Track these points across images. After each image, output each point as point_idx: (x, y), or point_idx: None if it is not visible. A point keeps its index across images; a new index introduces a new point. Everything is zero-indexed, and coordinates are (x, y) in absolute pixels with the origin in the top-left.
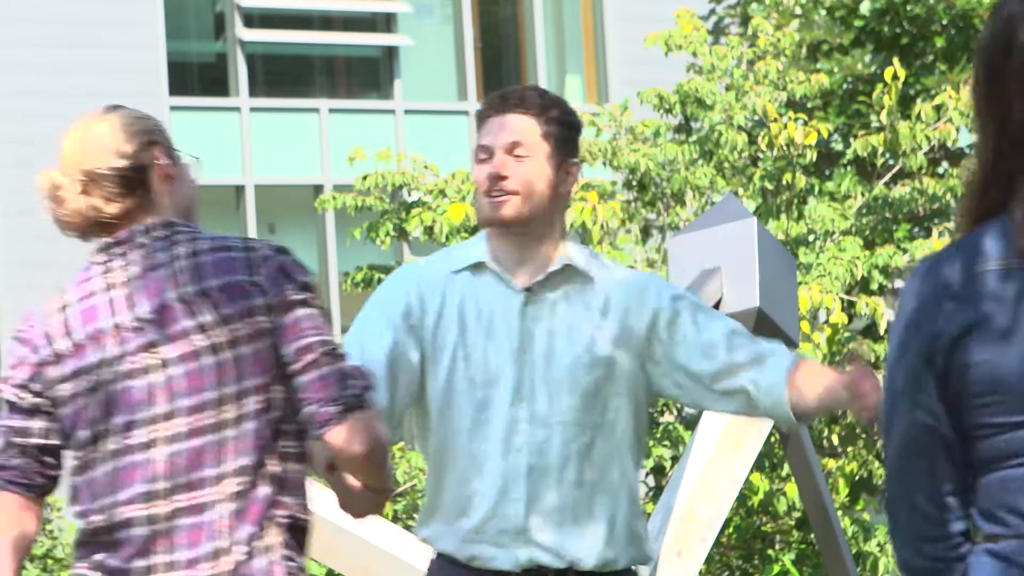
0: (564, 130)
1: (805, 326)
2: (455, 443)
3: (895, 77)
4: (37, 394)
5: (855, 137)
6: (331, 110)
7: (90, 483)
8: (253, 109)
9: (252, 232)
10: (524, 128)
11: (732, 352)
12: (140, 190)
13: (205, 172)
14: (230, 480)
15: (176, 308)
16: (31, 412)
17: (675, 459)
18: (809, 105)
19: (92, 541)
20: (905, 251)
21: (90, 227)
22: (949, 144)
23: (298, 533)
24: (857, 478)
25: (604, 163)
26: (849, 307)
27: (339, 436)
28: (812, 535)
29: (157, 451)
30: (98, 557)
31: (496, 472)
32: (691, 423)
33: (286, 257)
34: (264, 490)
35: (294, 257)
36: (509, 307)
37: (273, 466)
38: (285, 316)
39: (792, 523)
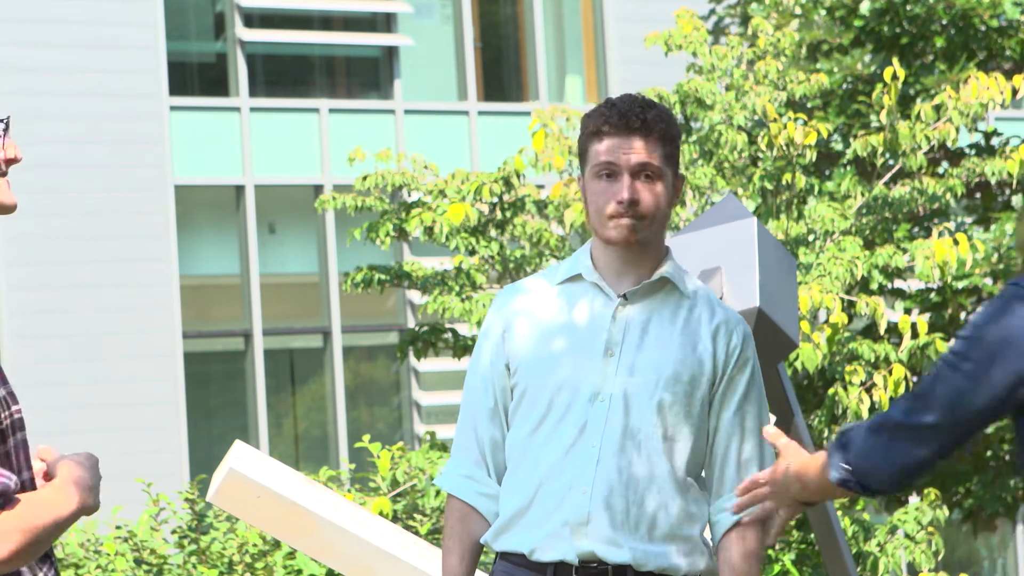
0: (676, 147)
1: (805, 326)
2: (527, 440)
3: (895, 77)
4: None
5: (855, 137)
6: (331, 110)
7: None
8: (253, 109)
9: (252, 232)
10: (649, 151)
11: (725, 471)
12: None
13: (205, 172)
14: None
15: None
16: None
17: None
18: (809, 105)
19: None
20: (905, 251)
21: None
22: (949, 144)
23: None
24: None
25: None
26: (849, 307)
27: None
28: (812, 535)
29: None
30: None
31: (565, 466)
32: None
33: None
34: None
35: None
36: (601, 312)
37: None
38: None
39: (792, 523)
